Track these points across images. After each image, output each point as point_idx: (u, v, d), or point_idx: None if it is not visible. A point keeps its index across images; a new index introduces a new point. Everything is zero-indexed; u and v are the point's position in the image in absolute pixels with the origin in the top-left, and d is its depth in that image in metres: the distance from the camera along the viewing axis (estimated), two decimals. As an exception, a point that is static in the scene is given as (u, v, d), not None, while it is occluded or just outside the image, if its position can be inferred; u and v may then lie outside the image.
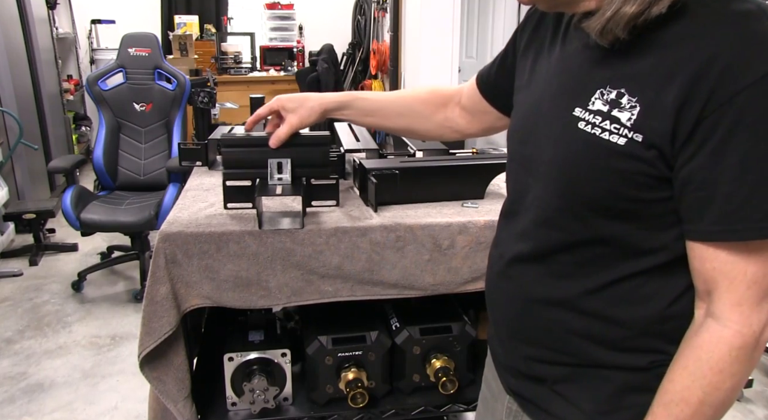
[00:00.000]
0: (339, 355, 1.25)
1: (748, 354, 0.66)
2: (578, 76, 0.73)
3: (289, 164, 1.18)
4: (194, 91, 3.48)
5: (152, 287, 1.12)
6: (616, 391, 0.77)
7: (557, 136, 0.74)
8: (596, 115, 0.68)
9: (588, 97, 0.70)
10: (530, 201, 0.79)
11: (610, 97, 0.68)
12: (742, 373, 0.67)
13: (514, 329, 0.85)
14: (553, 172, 0.74)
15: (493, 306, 0.91)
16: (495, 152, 1.63)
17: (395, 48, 4.85)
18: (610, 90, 0.68)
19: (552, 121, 0.75)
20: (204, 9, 5.85)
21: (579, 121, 0.70)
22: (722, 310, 0.66)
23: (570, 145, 0.71)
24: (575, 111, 0.71)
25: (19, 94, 3.90)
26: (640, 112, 0.65)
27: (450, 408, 1.33)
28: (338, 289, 1.19)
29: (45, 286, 3.25)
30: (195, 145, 1.49)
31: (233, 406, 1.26)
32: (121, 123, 3.34)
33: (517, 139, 0.85)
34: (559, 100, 0.74)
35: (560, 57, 0.78)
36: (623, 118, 0.66)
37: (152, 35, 3.42)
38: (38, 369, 2.50)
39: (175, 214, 1.21)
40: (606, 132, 0.67)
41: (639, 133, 0.65)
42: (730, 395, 0.68)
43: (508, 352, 0.88)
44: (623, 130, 0.66)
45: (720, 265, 0.65)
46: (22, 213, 3.47)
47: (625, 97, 0.66)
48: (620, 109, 0.66)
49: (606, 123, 0.67)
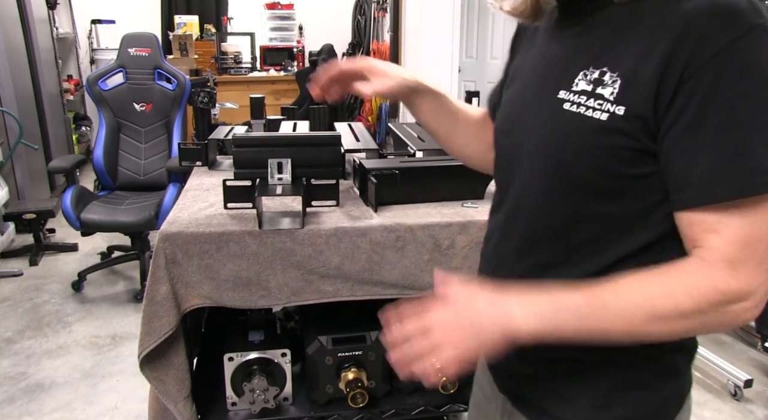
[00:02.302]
0: (339, 355, 1.25)
1: (724, 306, 0.63)
2: (561, 62, 0.74)
3: (290, 164, 1.18)
4: (194, 91, 3.47)
5: (152, 287, 1.12)
6: (612, 388, 0.77)
7: (544, 120, 0.74)
8: (581, 95, 0.70)
9: (572, 80, 0.71)
10: (522, 188, 0.79)
11: (594, 77, 0.69)
12: (707, 322, 0.64)
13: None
14: (541, 156, 0.74)
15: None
16: (495, 152, 1.63)
17: (395, 48, 4.85)
18: (593, 70, 0.69)
19: (538, 108, 0.76)
20: (204, 9, 5.85)
21: (564, 103, 0.71)
22: (713, 259, 0.64)
23: (557, 127, 0.72)
24: (560, 94, 0.72)
25: (19, 94, 3.90)
26: (621, 84, 0.66)
27: (450, 408, 1.33)
28: (338, 289, 1.19)
29: (45, 286, 3.25)
30: (195, 145, 1.49)
31: (233, 406, 1.26)
32: (121, 123, 3.34)
33: (502, 132, 0.85)
34: (543, 87, 0.75)
35: (542, 50, 0.80)
36: (606, 93, 0.67)
37: (152, 35, 3.42)
38: (38, 369, 2.50)
39: (175, 214, 1.21)
40: (590, 110, 0.68)
41: (621, 105, 0.66)
42: (673, 331, 0.65)
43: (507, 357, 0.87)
44: (606, 104, 0.67)
45: (709, 227, 0.64)
46: (22, 213, 3.47)
47: (607, 75, 0.68)
48: (603, 85, 0.68)
49: (590, 101, 0.68)
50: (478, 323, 0.68)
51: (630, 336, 0.66)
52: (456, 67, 4.36)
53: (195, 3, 5.83)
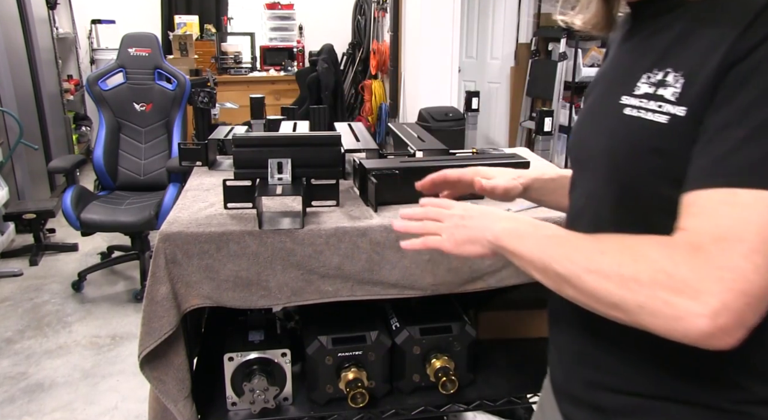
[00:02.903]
0: (339, 355, 1.25)
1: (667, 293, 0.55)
2: (625, 67, 0.73)
3: (290, 164, 1.18)
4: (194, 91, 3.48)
5: (152, 287, 1.12)
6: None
7: (605, 128, 0.73)
8: (642, 99, 0.67)
9: (634, 84, 0.69)
10: (585, 203, 0.78)
11: (657, 78, 0.66)
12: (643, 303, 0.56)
13: (576, 350, 0.80)
14: (601, 164, 0.73)
15: (556, 324, 0.86)
16: (495, 152, 1.63)
17: (395, 48, 4.85)
18: (657, 72, 0.66)
19: (603, 116, 0.74)
20: (204, 9, 5.85)
21: (625, 108, 0.69)
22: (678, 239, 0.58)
23: (616, 133, 0.70)
24: (622, 99, 0.70)
25: (19, 94, 3.90)
26: (684, 84, 0.63)
27: (450, 408, 1.33)
28: (338, 289, 1.19)
29: (45, 286, 3.25)
30: (195, 145, 1.49)
31: (233, 406, 1.26)
32: (121, 123, 3.34)
33: (572, 145, 0.85)
34: (608, 94, 0.74)
35: (612, 60, 0.79)
36: (667, 94, 0.64)
37: (152, 35, 3.42)
38: (38, 369, 2.50)
39: (175, 214, 1.21)
40: (650, 112, 0.65)
41: (683, 105, 0.62)
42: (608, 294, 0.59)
43: (567, 375, 0.83)
44: (666, 106, 0.63)
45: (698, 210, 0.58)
46: (22, 213, 3.47)
47: (671, 75, 0.65)
48: (665, 86, 0.65)
49: (651, 103, 0.65)
50: (471, 223, 0.76)
51: (564, 279, 0.64)
52: (456, 67, 4.36)
53: (195, 3, 5.83)
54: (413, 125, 1.76)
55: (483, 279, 1.24)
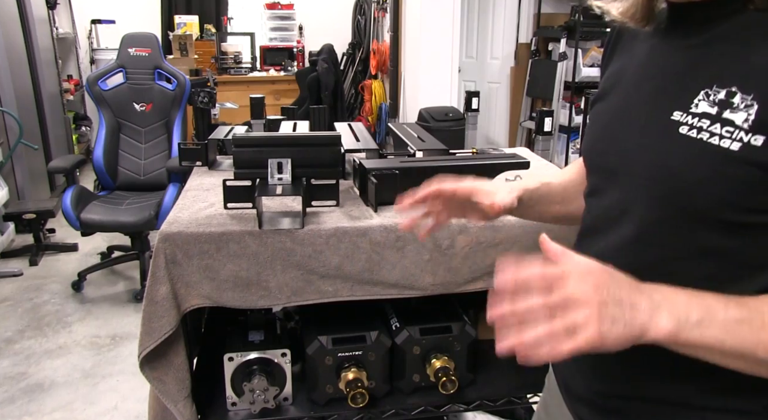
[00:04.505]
0: (339, 355, 1.25)
1: None
2: (676, 77, 0.66)
3: (290, 164, 1.18)
4: (194, 91, 3.48)
5: (152, 287, 1.12)
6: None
7: (653, 143, 0.67)
8: (702, 119, 0.62)
9: (690, 99, 0.63)
10: (621, 216, 0.72)
11: (719, 98, 0.61)
12: None
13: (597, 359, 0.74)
14: (652, 183, 0.66)
15: None
16: (495, 152, 1.63)
17: (395, 48, 4.85)
18: (718, 90, 0.61)
19: (645, 128, 0.68)
20: (204, 9, 5.85)
21: (681, 126, 0.63)
22: None
23: (672, 153, 0.64)
24: (674, 115, 0.64)
25: (19, 94, 3.90)
26: (758, 110, 0.58)
27: (450, 408, 1.33)
28: (338, 289, 1.19)
29: (45, 286, 3.25)
30: (195, 145, 1.49)
31: (233, 406, 1.26)
32: (121, 123, 3.34)
33: (596, 150, 0.78)
34: (652, 105, 0.68)
35: (647, 60, 0.72)
36: (738, 120, 0.59)
37: (152, 35, 3.42)
38: (38, 369, 2.50)
39: (175, 214, 1.21)
40: (716, 137, 0.60)
41: (759, 134, 0.57)
42: None
43: (585, 382, 0.80)
44: (738, 133, 0.59)
45: None
46: (22, 213, 3.47)
47: (737, 96, 0.59)
48: (732, 109, 0.59)
49: (716, 127, 0.60)
50: (626, 303, 0.56)
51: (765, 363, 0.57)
52: (456, 67, 4.36)
53: (195, 3, 5.83)
54: (413, 125, 1.76)
55: (483, 279, 1.24)
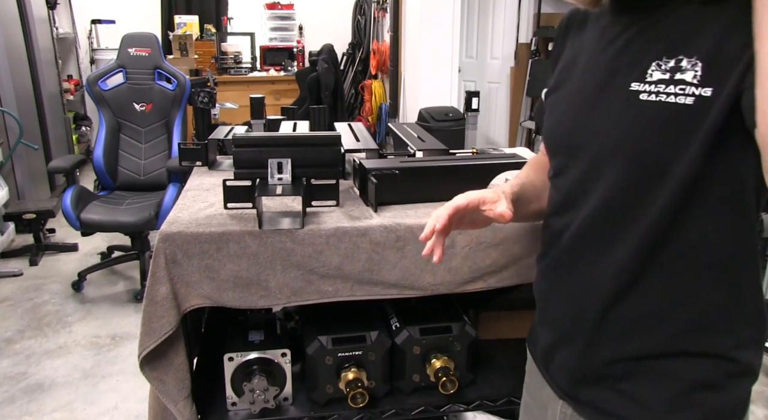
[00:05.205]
0: (339, 355, 1.25)
1: None
2: (628, 55, 0.73)
3: (290, 164, 1.18)
4: (194, 91, 3.47)
5: (152, 287, 1.12)
6: (684, 389, 0.74)
7: (617, 113, 0.73)
8: (658, 84, 0.68)
9: (644, 71, 0.70)
10: (589, 188, 0.77)
11: (669, 66, 0.67)
12: None
13: (573, 326, 0.82)
14: (621, 150, 0.72)
15: (548, 304, 0.88)
16: (495, 152, 1.63)
17: (395, 48, 4.85)
18: (667, 60, 0.68)
19: (606, 102, 0.74)
20: (204, 9, 5.85)
21: (640, 94, 0.70)
22: None
23: (636, 118, 0.70)
24: (632, 86, 0.70)
25: (19, 94, 3.90)
26: (703, 67, 0.64)
27: (450, 408, 1.33)
28: (338, 289, 1.19)
29: (45, 286, 3.25)
30: (195, 145, 1.49)
31: (233, 406, 1.26)
32: (121, 123, 3.34)
33: (559, 132, 0.83)
34: (610, 80, 0.74)
35: (600, 42, 0.78)
36: (688, 78, 0.65)
37: (152, 35, 3.42)
38: (38, 369, 2.50)
39: (175, 214, 1.21)
40: (672, 96, 0.66)
41: (707, 87, 0.64)
42: None
43: (563, 354, 0.85)
44: (689, 88, 0.65)
45: None
46: (22, 213, 3.47)
47: (684, 61, 0.66)
48: (682, 71, 0.66)
49: (671, 88, 0.67)
50: None
51: None
52: (456, 67, 4.35)
53: (195, 3, 5.83)
54: (413, 125, 1.76)
55: (483, 279, 1.24)
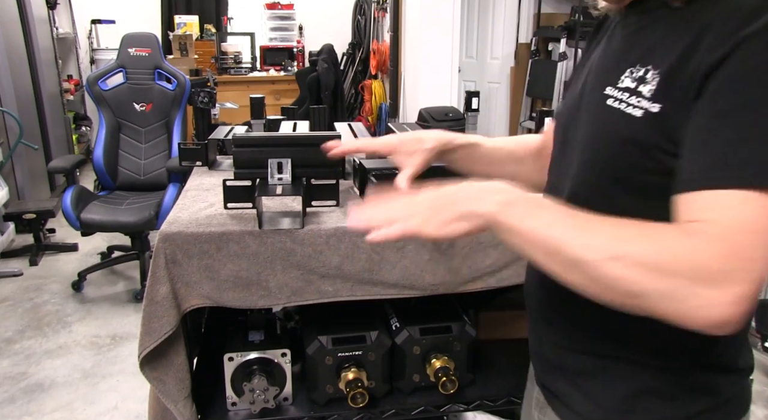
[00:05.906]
0: (339, 355, 1.25)
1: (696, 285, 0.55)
2: (614, 59, 0.76)
3: (290, 164, 1.18)
4: (194, 91, 3.47)
5: (152, 287, 1.12)
6: (635, 391, 0.75)
7: (589, 115, 0.77)
8: (624, 92, 0.71)
9: (618, 76, 0.73)
10: (564, 179, 0.81)
11: (638, 75, 0.70)
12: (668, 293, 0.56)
13: (546, 314, 0.85)
14: (584, 148, 0.77)
15: (529, 292, 0.91)
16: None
17: (395, 48, 4.85)
18: (640, 68, 0.70)
19: (590, 103, 0.78)
20: (204, 9, 5.85)
21: (608, 99, 0.73)
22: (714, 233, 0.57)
23: (598, 121, 0.74)
24: (606, 90, 0.74)
25: (19, 94, 3.90)
26: (659, 82, 0.66)
27: (450, 408, 1.33)
28: (338, 289, 1.19)
29: (45, 286, 3.25)
30: (195, 145, 1.49)
31: (233, 406, 1.26)
32: (121, 123, 3.34)
33: (559, 128, 0.87)
34: (596, 83, 0.78)
35: (604, 47, 0.82)
36: (644, 91, 0.68)
37: (152, 35, 3.42)
38: (38, 369, 2.51)
39: (175, 214, 1.21)
40: (630, 106, 0.69)
41: (657, 102, 0.66)
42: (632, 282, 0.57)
43: (539, 339, 0.88)
44: (642, 101, 0.67)
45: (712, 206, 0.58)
46: (22, 213, 3.47)
47: (650, 73, 0.68)
48: (644, 83, 0.68)
49: (632, 98, 0.69)
50: (465, 199, 0.69)
51: (577, 265, 0.60)
52: (456, 67, 4.35)
53: (195, 3, 5.83)
54: (413, 125, 1.76)
55: (483, 279, 1.24)
